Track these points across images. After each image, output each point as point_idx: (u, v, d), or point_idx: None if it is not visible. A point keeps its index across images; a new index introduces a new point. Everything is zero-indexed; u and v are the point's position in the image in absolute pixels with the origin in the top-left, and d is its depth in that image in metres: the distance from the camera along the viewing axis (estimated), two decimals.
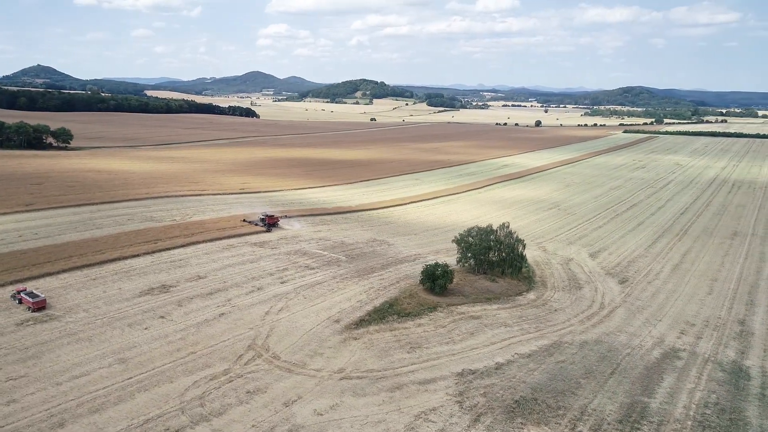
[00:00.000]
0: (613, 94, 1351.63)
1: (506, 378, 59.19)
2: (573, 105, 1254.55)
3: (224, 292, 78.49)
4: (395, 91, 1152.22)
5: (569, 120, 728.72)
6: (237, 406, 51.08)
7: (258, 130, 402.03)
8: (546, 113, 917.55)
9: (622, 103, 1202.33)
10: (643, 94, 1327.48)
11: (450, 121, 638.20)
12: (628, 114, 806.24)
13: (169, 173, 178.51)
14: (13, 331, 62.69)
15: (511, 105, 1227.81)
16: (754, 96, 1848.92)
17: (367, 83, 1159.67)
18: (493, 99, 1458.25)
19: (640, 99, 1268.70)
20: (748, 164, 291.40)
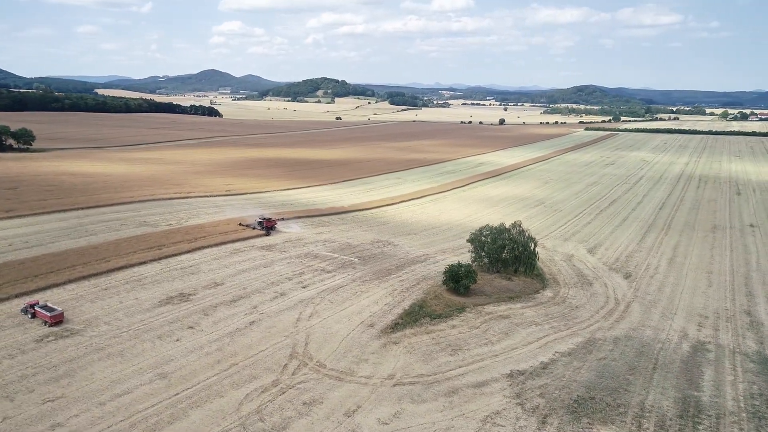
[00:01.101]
0: (568, 92, 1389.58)
1: (556, 377, 59.18)
2: (530, 103, 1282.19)
3: (247, 299, 75.61)
4: (356, 89, 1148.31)
5: (530, 118, 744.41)
6: (298, 419, 49.04)
7: (225, 129, 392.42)
8: (506, 111, 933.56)
9: (576, 101, 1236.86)
10: (596, 92, 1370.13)
11: (415, 119, 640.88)
12: (585, 112, 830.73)
13: (147, 176, 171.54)
14: (35, 348, 58.37)
15: (470, 103, 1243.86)
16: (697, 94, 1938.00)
17: (328, 82, 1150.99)
18: (453, 98, 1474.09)
19: (593, 97, 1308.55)
20: (708, 160, 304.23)
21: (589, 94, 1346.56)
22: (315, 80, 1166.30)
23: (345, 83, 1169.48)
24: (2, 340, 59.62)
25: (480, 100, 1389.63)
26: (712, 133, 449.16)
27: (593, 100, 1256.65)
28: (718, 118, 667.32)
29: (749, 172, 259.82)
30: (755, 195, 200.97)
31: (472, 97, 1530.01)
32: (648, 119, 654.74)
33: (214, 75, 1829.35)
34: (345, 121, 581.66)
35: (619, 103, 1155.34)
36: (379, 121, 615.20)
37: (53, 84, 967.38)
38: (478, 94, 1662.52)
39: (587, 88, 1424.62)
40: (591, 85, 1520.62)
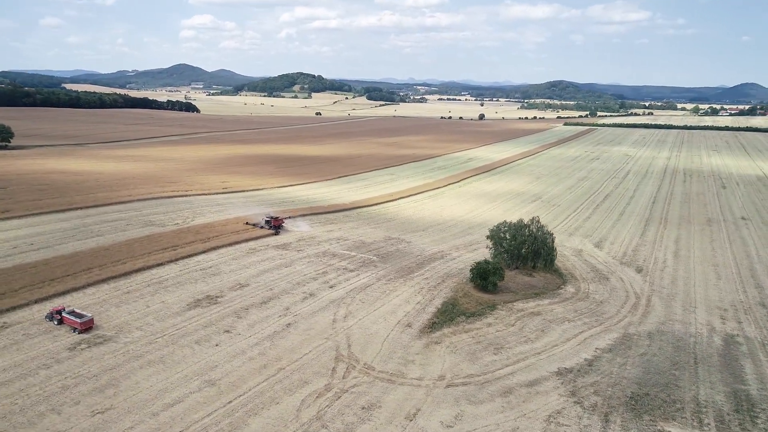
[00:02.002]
0: (542, 87, 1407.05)
1: (604, 374, 59.13)
2: (505, 98, 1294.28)
3: (277, 300, 73.66)
4: (333, 84, 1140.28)
5: (508, 113, 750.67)
6: (361, 425, 47.75)
7: (206, 125, 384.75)
8: (482, 107, 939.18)
9: (550, 96, 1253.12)
10: (569, 88, 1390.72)
11: (394, 115, 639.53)
12: (561, 107, 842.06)
13: (139, 174, 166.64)
14: (69, 357, 55.57)
15: (446, 99, 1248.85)
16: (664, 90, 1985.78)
17: (305, 77, 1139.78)
18: (428, 93, 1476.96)
19: (567, 93, 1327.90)
20: (688, 154, 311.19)
21: (562, 89, 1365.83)
22: (291, 75, 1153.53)
23: (321, 78, 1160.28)
24: (33, 349, 56.62)
25: (455, 96, 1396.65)
26: (687, 128, 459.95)
27: (566, 96, 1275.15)
28: (689, 113, 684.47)
29: (729, 165, 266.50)
30: (740, 188, 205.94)
31: (448, 92, 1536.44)
32: (623, 114, 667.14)
33: (186, 69, 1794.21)
34: (325, 117, 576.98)
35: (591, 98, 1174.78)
36: (359, 116, 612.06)
37: (17, 78, 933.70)
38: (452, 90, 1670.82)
39: (560, 83, 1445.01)
40: (564, 80, 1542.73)
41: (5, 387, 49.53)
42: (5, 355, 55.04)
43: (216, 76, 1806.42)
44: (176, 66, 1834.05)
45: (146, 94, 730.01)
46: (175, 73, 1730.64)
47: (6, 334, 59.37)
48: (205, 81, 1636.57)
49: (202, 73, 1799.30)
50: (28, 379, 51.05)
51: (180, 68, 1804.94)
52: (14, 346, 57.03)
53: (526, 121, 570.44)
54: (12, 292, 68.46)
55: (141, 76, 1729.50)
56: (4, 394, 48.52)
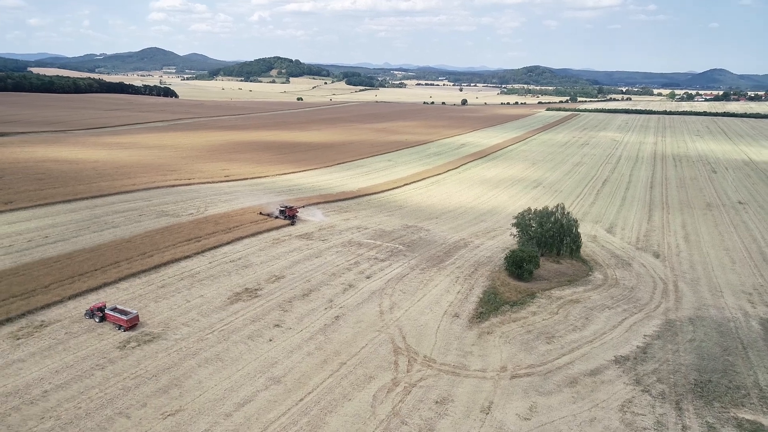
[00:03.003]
0: (519, 73, 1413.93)
1: (661, 361, 59.36)
2: (483, 83, 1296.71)
3: (317, 292, 71.97)
4: (311, 69, 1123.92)
5: (489, 98, 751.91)
6: (439, 420, 46.88)
7: (188, 111, 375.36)
8: (461, 92, 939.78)
9: (527, 81, 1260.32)
10: (545, 73, 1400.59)
11: (377, 100, 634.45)
12: (541, 92, 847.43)
13: (136, 162, 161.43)
14: (122, 357, 53.17)
15: (424, 84, 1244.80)
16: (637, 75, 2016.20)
17: (282, 61, 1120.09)
18: (405, 78, 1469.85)
19: (543, 78, 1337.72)
20: (673, 139, 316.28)
21: (539, 74, 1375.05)
22: (268, 60, 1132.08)
23: (299, 63, 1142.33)
24: (80, 349, 54.01)
25: (433, 81, 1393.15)
26: (667, 113, 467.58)
27: (543, 81, 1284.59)
28: (666, 98, 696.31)
29: (715, 151, 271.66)
30: (729, 173, 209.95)
31: (425, 77, 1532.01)
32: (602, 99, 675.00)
33: (157, 53, 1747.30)
34: (307, 102, 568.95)
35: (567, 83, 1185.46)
36: (341, 101, 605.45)
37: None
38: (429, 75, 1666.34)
39: (537, 68, 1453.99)
40: (540, 65, 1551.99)
41: (63, 390, 47.08)
42: (53, 356, 52.36)
43: (188, 60, 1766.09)
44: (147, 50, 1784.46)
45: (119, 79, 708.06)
46: (145, 57, 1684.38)
47: (47, 333, 56.54)
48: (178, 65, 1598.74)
49: (174, 57, 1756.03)
50: (84, 381, 48.64)
51: (151, 52, 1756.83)
52: (59, 345, 54.32)
53: (509, 107, 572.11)
54: (42, 289, 65.28)
55: (110, 60, 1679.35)
56: (65, 397, 46.10)
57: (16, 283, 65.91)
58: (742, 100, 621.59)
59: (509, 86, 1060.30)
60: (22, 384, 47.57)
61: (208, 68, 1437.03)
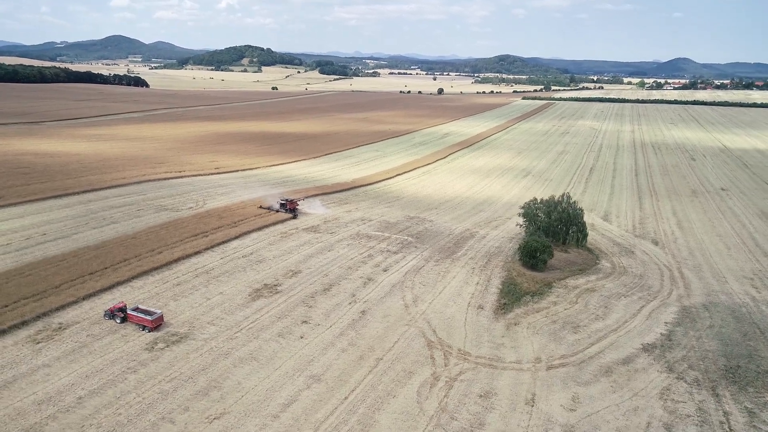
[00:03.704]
0: (491, 62, 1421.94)
1: (688, 348, 60.30)
2: (456, 73, 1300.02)
3: (338, 286, 70.80)
4: (284, 58, 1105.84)
5: (464, 87, 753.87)
6: (487, 414, 46.64)
7: (163, 101, 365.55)
8: (435, 81, 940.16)
9: (499, 70, 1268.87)
10: (516, 62, 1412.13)
11: (353, 89, 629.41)
12: (515, 81, 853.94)
13: (120, 154, 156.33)
14: (153, 359, 51.23)
15: (397, 73, 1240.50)
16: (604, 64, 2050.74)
17: (253, 50, 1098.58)
18: (378, 67, 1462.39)
19: (515, 67, 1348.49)
20: (650, 127, 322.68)
21: (510, 63, 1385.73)
22: (239, 48, 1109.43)
23: (271, 52, 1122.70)
24: (107, 351, 51.83)
25: (406, 70, 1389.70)
26: (640, 102, 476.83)
27: (515, 70, 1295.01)
28: (636, 87, 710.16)
29: (691, 138, 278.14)
30: (707, 160, 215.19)
31: (398, 66, 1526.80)
32: (574, 88, 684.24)
33: (122, 41, 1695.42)
34: (283, 92, 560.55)
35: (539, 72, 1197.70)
36: (316, 91, 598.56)
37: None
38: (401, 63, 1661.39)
39: (508, 57, 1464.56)
40: (510, 54, 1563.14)
41: (98, 396, 45.08)
42: (80, 360, 50.11)
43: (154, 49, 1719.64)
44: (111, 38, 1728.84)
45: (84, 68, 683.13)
46: (109, 45, 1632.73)
47: (68, 336, 54.09)
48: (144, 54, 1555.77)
49: (139, 46, 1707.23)
50: (118, 385, 46.67)
51: (115, 40, 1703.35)
52: (84, 349, 52.02)
53: (485, 96, 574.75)
54: (54, 289, 62.44)
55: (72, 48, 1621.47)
56: (102, 404, 44.14)
57: (24, 284, 62.88)
58: (709, 88, 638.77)
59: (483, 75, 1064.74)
60: (53, 390, 45.38)
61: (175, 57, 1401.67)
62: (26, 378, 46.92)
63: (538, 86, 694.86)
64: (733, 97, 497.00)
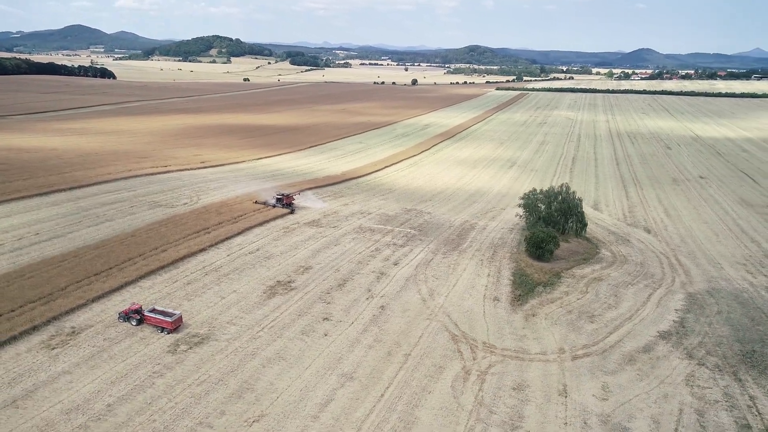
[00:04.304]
0: (461, 52, 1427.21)
1: (702, 335, 61.62)
2: (426, 63, 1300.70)
3: (352, 281, 69.91)
4: (253, 49, 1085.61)
5: (437, 78, 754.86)
6: (524, 406, 46.75)
7: (133, 93, 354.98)
8: (407, 72, 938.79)
9: (470, 61, 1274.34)
10: (486, 53, 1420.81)
11: (326, 81, 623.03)
12: (486, 72, 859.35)
13: (101, 149, 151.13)
14: (178, 362, 49.60)
15: (368, 63, 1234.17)
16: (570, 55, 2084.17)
17: (222, 40, 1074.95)
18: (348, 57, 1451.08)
19: (485, 57, 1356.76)
20: (623, 117, 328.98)
21: (480, 54, 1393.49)
22: (207, 39, 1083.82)
23: (240, 42, 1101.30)
24: (129, 355, 49.94)
25: (376, 60, 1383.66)
26: (610, 92, 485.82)
27: (485, 60, 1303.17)
28: (604, 77, 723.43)
29: (663, 128, 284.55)
30: (682, 149, 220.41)
31: (368, 56, 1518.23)
32: (546, 78, 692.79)
33: (83, 31, 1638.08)
34: (255, 83, 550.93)
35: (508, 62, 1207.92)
36: (290, 82, 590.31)
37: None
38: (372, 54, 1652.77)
39: (478, 48, 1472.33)
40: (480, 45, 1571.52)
41: (128, 403, 43.39)
42: (101, 365, 48.15)
43: (117, 39, 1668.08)
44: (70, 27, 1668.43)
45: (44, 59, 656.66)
46: (69, 35, 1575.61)
47: (83, 340, 51.93)
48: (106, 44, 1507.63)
49: (101, 36, 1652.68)
50: (147, 391, 45.02)
51: (75, 30, 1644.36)
52: (103, 353, 50.02)
53: (459, 86, 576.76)
54: (60, 292, 59.86)
55: (29, 38, 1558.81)
56: (134, 410, 42.50)
57: (28, 287, 60.09)
58: (675, 78, 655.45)
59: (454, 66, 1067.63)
60: (80, 398, 43.47)
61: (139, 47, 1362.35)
62: (48, 386, 44.83)
63: (510, 77, 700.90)
64: (699, 87, 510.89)
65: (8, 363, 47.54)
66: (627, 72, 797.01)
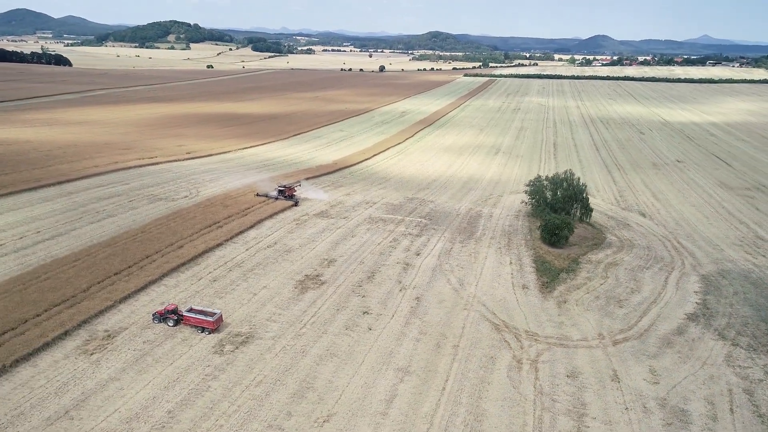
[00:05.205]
0: (423, 38, 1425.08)
1: (727, 315, 63.60)
2: (389, 50, 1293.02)
3: (380, 273, 68.98)
4: (213, 35, 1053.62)
5: (403, 65, 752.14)
6: (582, 393, 47.25)
7: (94, 81, 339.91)
8: (371, 58, 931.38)
9: (432, 47, 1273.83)
10: (448, 39, 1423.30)
11: (292, 68, 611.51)
12: (451, 58, 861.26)
13: (78, 140, 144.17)
14: (228, 363, 47.83)
15: (331, 50, 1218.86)
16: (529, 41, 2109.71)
17: (180, 26, 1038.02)
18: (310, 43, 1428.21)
19: (447, 44, 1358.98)
20: (592, 103, 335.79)
21: (442, 40, 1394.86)
22: (164, 24, 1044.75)
23: (198, 27, 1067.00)
24: (175, 358, 47.83)
25: (339, 47, 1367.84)
26: (576, 78, 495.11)
27: (447, 46, 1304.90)
28: (567, 63, 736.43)
29: (632, 113, 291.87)
30: (654, 134, 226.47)
31: (329, 43, 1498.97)
32: (510, 65, 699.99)
33: (27, 15, 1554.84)
34: (220, 71, 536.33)
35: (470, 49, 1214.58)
36: (254, 69, 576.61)
37: None
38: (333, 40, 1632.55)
39: (440, 34, 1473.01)
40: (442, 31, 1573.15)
41: (189, 408, 41.59)
42: (149, 370, 45.96)
43: (65, 24, 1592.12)
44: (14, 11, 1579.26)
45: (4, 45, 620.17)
46: (14, 20, 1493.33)
47: (122, 344, 49.45)
48: (54, 29, 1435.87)
49: (48, 20, 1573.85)
50: (205, 394, 43.25)
51: (19, 14, 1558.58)
52: (147, 357, 47.77)
53: (427, 73, 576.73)
54: (83, 293, 56.81)
55: None
56: (197, 416, 40.76)
57: (47, 289, 56.78)
58: (635, 64, 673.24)
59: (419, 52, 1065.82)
60: (137, 406, 41.38)
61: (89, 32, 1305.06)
62: (98, 394, 42.50)
63: (475, 63, 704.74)
64: (659, 73, 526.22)
65: (48, 371, 44.83)
66: (588, 58, 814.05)
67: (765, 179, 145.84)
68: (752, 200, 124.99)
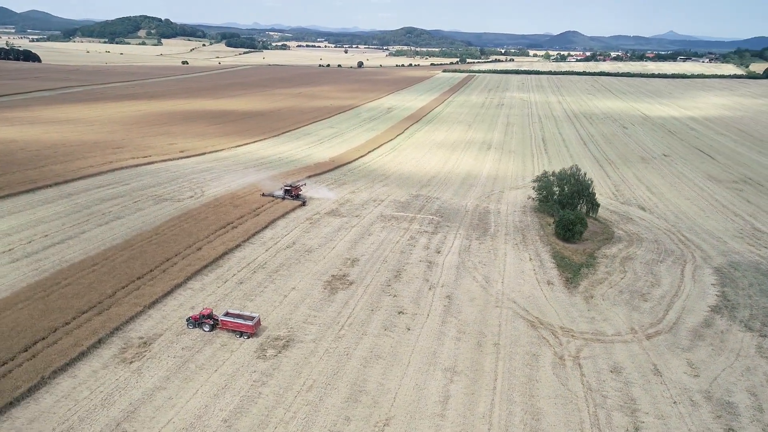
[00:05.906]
0: (398, 34, 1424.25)
1: (748, 307, 65.02)
2: (364, 45, 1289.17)
3: (405, 272, 68.41)
4: (185, 30, 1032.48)
5: (381, 61, 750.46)
6: (629, 388, 47.66)
7: (69, 78, 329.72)
8: (347, 54, 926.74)
9: (407, 43, 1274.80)
10: (423, 35, 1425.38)
11: (269, 63, 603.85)
12: (429, 54, 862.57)
13: (66, 140, 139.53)
14: (274, 368, 46.72)
15: (306, 46, 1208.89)
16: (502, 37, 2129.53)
17: (150, 20, 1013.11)
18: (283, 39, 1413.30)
19: (422, 39, 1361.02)
20: (573, 98, 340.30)
21: (417, 36, 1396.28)
22: (134, 18, 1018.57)
23: (170, 22, 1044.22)
24: (219, 365, 46.51)
25: (313, 42, 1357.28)
26: (553, 73, 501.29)
27: (422, 42, 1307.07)
28: (542, 59, 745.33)
29: (613, 108, 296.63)
30: (636, 128, 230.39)
31: (303, 38, 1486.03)
32: (487, 60, 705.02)
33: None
34: (195, 66, 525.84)
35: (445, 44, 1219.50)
36: (230, 65, 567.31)
37: None
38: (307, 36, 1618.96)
39: (414, 30, 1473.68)
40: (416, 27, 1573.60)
41: (245, 416, 40.46)
42: (194, 377, 44.58)
43: (28, 18, 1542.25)
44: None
45: None
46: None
47: (159, 351, 47.86)
48: (17, 24, 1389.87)
49: (10, 15, 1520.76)
50: (258, 402, 42.16)
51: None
52: (190, 364, 46.33)
53: (406, 69, 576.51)
54: (109, 299, 54.85)
55: None
56: (254, 424, 39.67)
57: (71, 295, 54.62)
58: (608, 60, 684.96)
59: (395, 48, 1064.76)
60: (190, 416, 40.07)
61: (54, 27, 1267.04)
62: (147, 405, 41.01)
63: (452, 59, 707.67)
64: (633, 69, 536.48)
65: (89, 381, 43.10)
66: (563, 54, 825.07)
67: (749, 172, 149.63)
68: (742, 193, 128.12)
